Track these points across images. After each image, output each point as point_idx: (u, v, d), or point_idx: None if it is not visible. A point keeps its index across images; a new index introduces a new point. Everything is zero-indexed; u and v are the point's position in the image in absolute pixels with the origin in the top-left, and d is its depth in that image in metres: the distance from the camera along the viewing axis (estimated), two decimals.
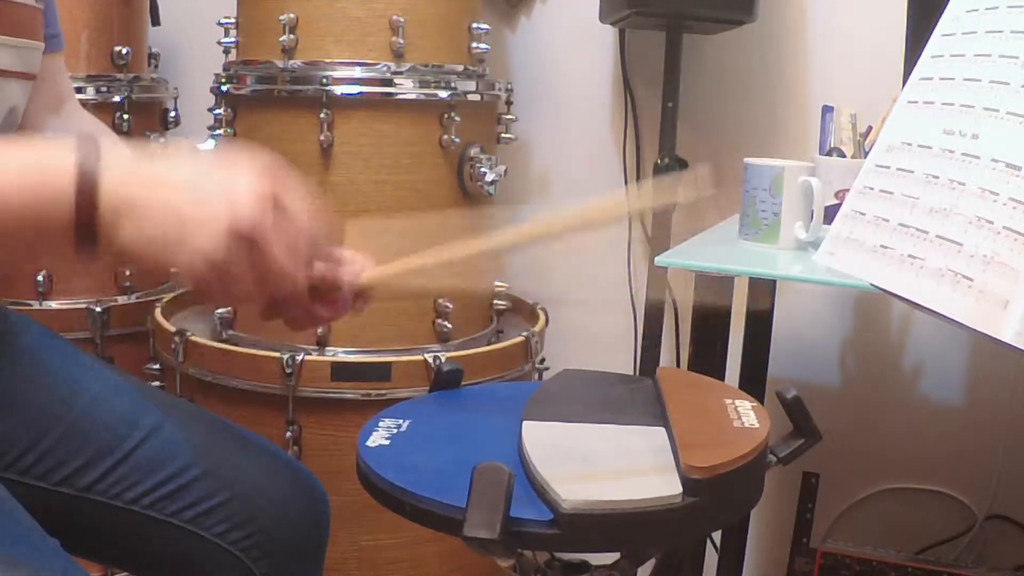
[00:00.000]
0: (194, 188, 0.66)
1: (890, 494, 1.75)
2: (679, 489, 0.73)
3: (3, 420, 0.92)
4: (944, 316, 0.57)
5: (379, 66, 1.43)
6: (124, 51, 1.67)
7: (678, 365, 1.79)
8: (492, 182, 1.49)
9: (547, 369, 1.61)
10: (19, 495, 0.85)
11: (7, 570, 0.72)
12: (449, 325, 1.49)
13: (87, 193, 0.64)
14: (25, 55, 0.89)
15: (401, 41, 1.42)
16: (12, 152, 0.66)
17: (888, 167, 0.67)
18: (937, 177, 0.62)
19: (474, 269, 0.81)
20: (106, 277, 1.69)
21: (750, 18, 1.53)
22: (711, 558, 1.50)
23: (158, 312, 1.56)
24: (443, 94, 1.45)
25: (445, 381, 1.00)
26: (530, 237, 0.78)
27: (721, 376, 1.20)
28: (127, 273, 1.69)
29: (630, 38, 1.78)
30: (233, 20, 1.54)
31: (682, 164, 1.65)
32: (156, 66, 1.85)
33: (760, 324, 1.58)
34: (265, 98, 1.47)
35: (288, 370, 1.38)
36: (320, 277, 0.77)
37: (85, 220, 0.64)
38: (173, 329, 1.48)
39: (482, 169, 1.48)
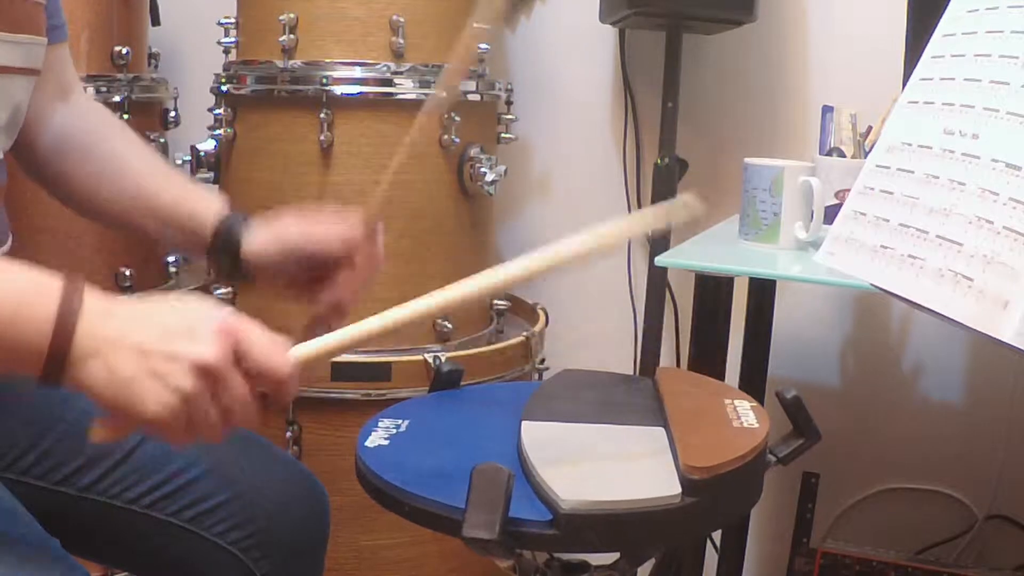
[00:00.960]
0: (162, 327, 0.67)
1: (890, 494, 1.75)
2: (678, 489, 0.73)
3: (3, 420, 0.92)
4: (944, 316, 0.57)
5: (379, 66, 1.43)
6: (124, 51, 1.67)
7: (678, 365, 1.79)
8: (492, 182, 1.49)
9: (547, 369, 1.61)
10: (19, 495, 0.85)
11: (8, 570, 0.72)
12: (449, 325, 1.49)
13: (63, 334, 0.65)
14: (28, 51, 0.89)
15: (401, 41, 1.42)
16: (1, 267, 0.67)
17: (888, 167, 0.67)
18: (937, 177, 0.62)
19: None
20: (106, 277, 1.69)
21: (750, 18, 1.53)
22: (711, 558, 1.50)
23: None
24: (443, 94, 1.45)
25: (445, 381, 1.00)
26: (523, 275, 0.78)
27: (721, 376, 1.20)
28: (127, 273, 1.69)
29: (630, 38, 1.78)
30: (233, 20, 1.54)
31: (682, 164, 1.65)
32: (156, 66, 1.85)
33: (760, 324, 1.58)
34: (265, 98, 1.47)
35: None
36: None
37: (57, 357, 0.65)
38: None
39: (482, 169, 1.48)
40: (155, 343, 0.66)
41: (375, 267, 0.98)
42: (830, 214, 1.19)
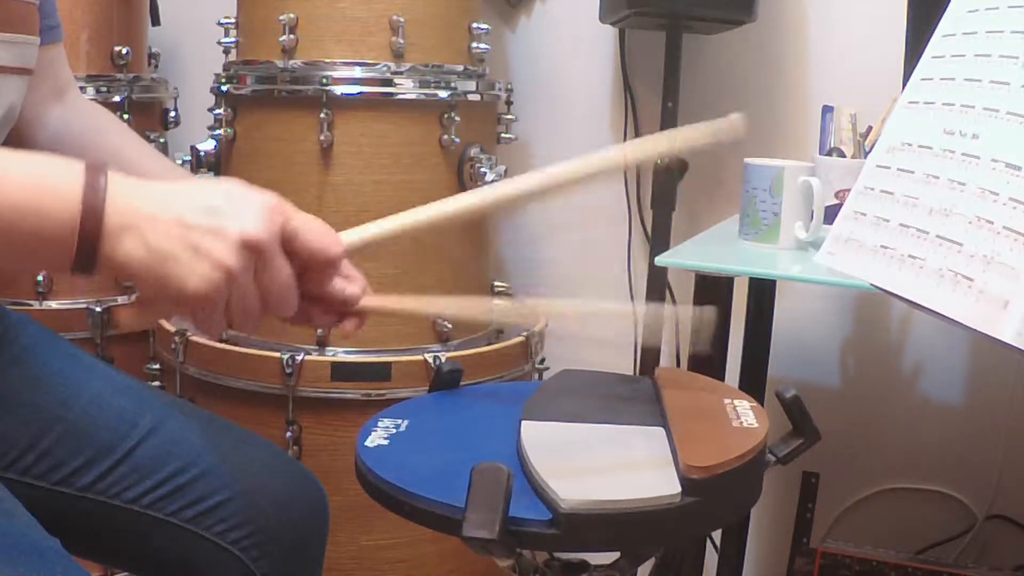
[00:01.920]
0: (204, 202, 0.65)
1: (890, 494, 1.75)
2: (678, 489, 0.73)
3: (3, 420, 0.92)
4: (944, 316, 0.57)
5: (379, 66, 1.43)
6: (124, 51, 1.67)
7: (678, 365, 1.79)
8: (492, 182, 1.49)
9: (547, 369, 1.61)
10: (19, 495, 0.85)
11: (7, 569, 0.72)
12: (449, 325, 1.49)
13: (93, 203, 0.63)
14: (21, 50, 0.89)
15: (401, 41, 1.42)
16: (19, 155, 0.66)
17: (888, 167, 0.67)
18: (937, 177, 0.62)
19: (473, 301, 0.81)
20: (106, 277, 1.69)
21: (750, 18, 1.53)
22: (711, 558, 1.50)
23: None
24: (443, 94, 1.45)
25: (445, 381, 1.00)
26: (538, 187, 0.78)
27: (721, 376, 1.20)
28: None
29: (630, 38, 1.78)
30: (233, 20, 1.54)
31: (682, 164, 1.65)
32: (156, 66, 1.85)
33: (760, 324, 1.58)
34: (265, 98, 1.47)
35: (288, 370, 1.38)
36: (322, 292, 0.77)
37: (88, 231, 0.63)
38: (173, 329, 1.48)
39: (482, 169, 1.48)
40: (198, 216, 0.64)
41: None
42: (830, 214, 1.19)
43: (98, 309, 1.65)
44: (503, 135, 1.60)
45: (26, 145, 0.98)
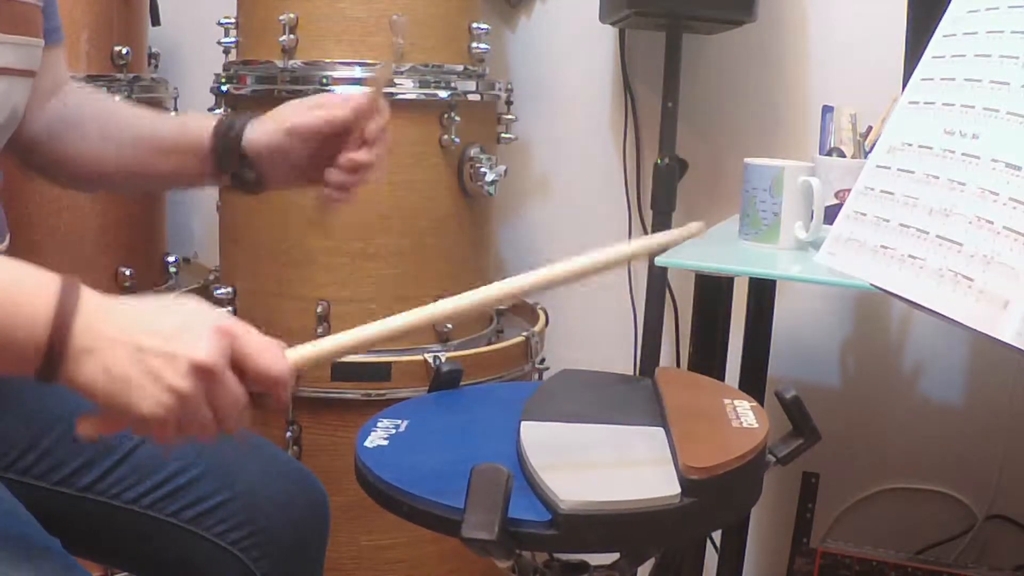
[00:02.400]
0: (159, 326, 0.67)
1: (890, 494, 1.75)
2: (678, 489, 0.73)
3: (3, 420, 0.92)
4: (944, 316, 0.57)
5: (379, 66, 1.43)
6: (124, 51, 1.67)
7: (678, 365, 1.79)
8: (492, 182, 1.49)
9: (547, 369, 1.61)
10: (19, 495, 0.85)
11: (8, 569, 0.72)
12: (449, 325, 1.49)
13: (62, 325, 0.65)
14: (25, 52, 0.89)
15: (401, 41, 1.42)
16: None
17: (889, 167, 0.67)
18: (937, 177, 0.62)
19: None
20: (106, 277, 1.69)
21: (750, 18, 1.53)
22: (711, 558, 1.50)
23: None
24: (443, 94, 1.45)
25: (445, 381, 1.00)
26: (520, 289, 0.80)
27: (721, 376, 1.20)
28: (127, 273, 1.69)
29: (630, 38, 1.78)
30: (233, 20, 1.54)
31: (682, 164, 1.65)
32: (156, 66, 1.85)
33: (760, 324, 1.58)
34: (265, 98, 1.47)
35: None
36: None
37: (53, 353, 0.65)
38: None
39: (482, 169, 1.48)
40: (152, 342, 0.66)
41: (384, 136, 0.97)
42: (830, 214, 1.19)
43: None
44: (503, 135, 1.60)
45: (20, 141, 0.98)
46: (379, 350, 1.44)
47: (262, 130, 0.97)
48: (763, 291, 1.57)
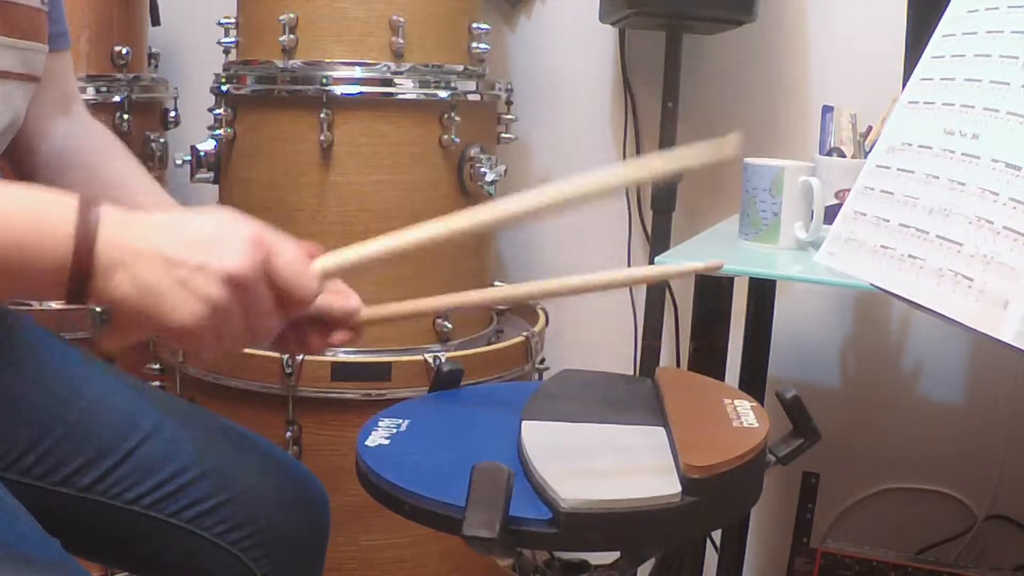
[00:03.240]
0: (189, 237, 0.67)
1: (890, 494, 1.75)
2: (678, 489, 0.73)
3: (3, 420, 0.92)
4: (944, 316, 0.57)
5: (379, 66, 1.43)
6: (124, 51, 1.67)
7: (678, 365, 1.79)
8: (492, 182, 1.49)
9: (547, 369, 1.61)
10: (19, 495, 0.85)
11: (8, 570, 0.72)
12: (449, 325, 1.49)
13: (85, 240, 0.65)
14: (28, 57, 0.89)
15: (401, 41, 1.42)
16: (13, 189, 0.67)
17: (889, 167, 0.68)
18: (937, 177, 0.62)
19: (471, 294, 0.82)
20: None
21: (750, 18, 1.53)
22: (711, 558, 1.50)
23: None
24: (443, 94, 1.45)
25: (445, 381, 1.00)
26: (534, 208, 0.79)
27: (721, 376, 1.20)
28: None
29: (630, 38, 1.78)
30: (233, 20, 1.54)
31: None
32: (156, 66, 1.85)
33: (760, 324, 1.58)
34: (265, 98, 1.47)
35: (288, 370, 1.38)
36: (313, 315, 0.79)
37: (80, 269, 0.65)
38: None
39: (482, 169, 1.48)
40: (182, 252, 0.65)
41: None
42: (830, 214, 1.19)
43: (98, 309, 1.65)
44: (503, 135, 1.60)
45: (29, 155, 0.98)
46: (379, 350, 1.44)
47: None
48: (763, 291, 1.57)
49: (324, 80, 1.41)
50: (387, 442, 0.84)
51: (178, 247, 0.66)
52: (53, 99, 0.99)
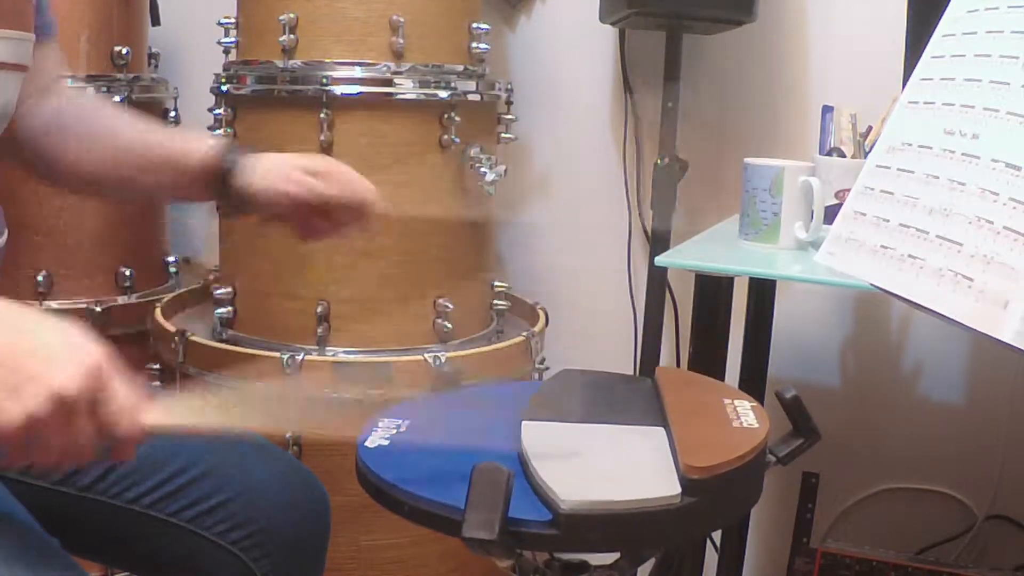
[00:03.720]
0: (32, 345, 0.65)
1: (890, 494, 1.75)
2: (678, 489, 0.73)
3: None
4: (944, 316, 0.57)
5: (379, 66, 1.43)
6: (124, 51, 1.67)
7: (678, 365, 1.79)
8: (492, 182, 1.49)
9: (547, 369, 1.61)
10: (19, 494, 0.85)
11: (6, 569, 0.72)
12: (449, 325, 1.49)
13: None
14: (16, 46, 0.89)
15: (401, 41, 1.42)
16: None
17: (888, 167, 0.67)
18: (937, 177, 0.62)
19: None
20: (106, 277, 1.69)
21: (750, 18, 1.53)
22: (711, 558, 1.50)
23: (158, 312, 1.56)
24: (443, 94, 1.45)
25: (445, 381, 1.00)
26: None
27: (721, 376, 1.20)
28: (127, 273, 1.69)
29: (630, 38, 1.78)
30: (233, 20, 1.54)
31: (682, 164, 1.65)
32: (156, 66, 1.85)
33: (760, 324, 1.58)
34: (265, 98, 1.47)
35: (288, 370, 1.38)
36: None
37: None
38: (173, 329, 1.48)
39: (482, 169, 1.48)
40: (19, 355, 0.64)
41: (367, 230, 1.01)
42: (830, 214, 1.19)
43: (98, 309, 1.65)
44: (503, 135, 1.60)
45: (13, 136, 0.98)
46: (379, 350, 1.44)
47: (259, 179, 0.98)
48: (763, 291, 1.57)
49: (324, 80, 1.40)
50: (387, 443, 0.84)
51: (16, 353, 0.64)
52: (39, 85, 0.99)
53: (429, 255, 1.48)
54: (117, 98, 1.67)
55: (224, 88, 1.50)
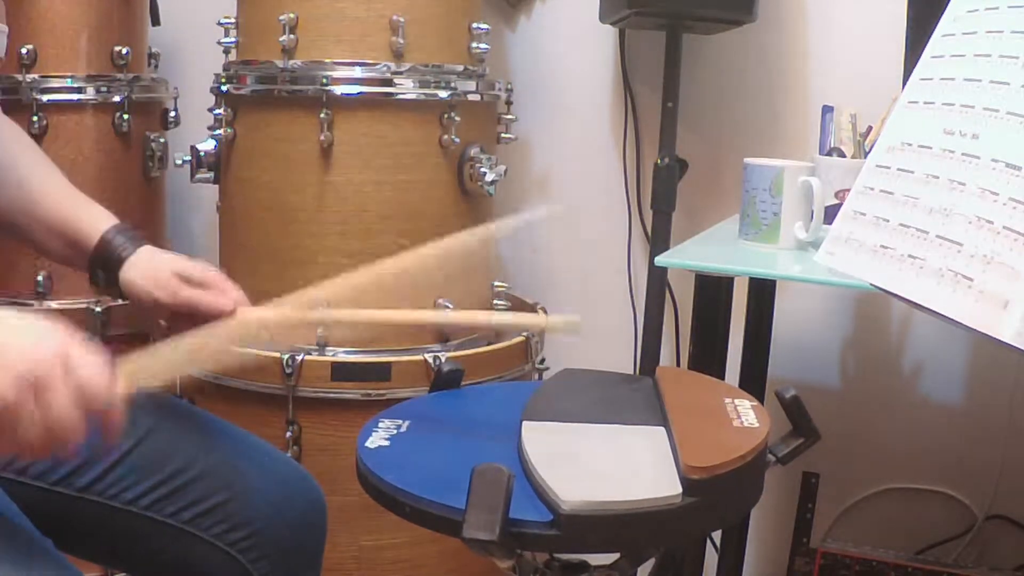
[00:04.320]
0: None
1: (890, 494, 1.75)
2: (679, 489, 0.73)
3: None
4: (944, 316, 0.57)
5: (379, 66, 1.43)
6: (124, 51, 1.67)
7: (678, 365, 1.78)
8: (492, 182, 1.49)
9: (547, 369, 1.61)
10: (16, 495, 0.85)
11: (1, 569, 0.72)
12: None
13: None
14: None
15: (401, 41, 1.42)
16: None
17: (888, 167, 0.67)
18: (937, 177, 0.62)
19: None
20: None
21: (750, 18, 1.53)
22: (711, 558, 1.50)
23: None
24: (443, 94, 1.45)
25: (445, 381, 1.00)
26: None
27: (721, 376, 1.20)
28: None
29: (630, 38, 1.78)
30: (233, 20, 1.54)
31: (682, 164, 1.65)
32: (156, 66, 1.85)
33: (760, 324, 1.58)
34: (265, 98, 1.47)
35: (288, 370, 1.38)
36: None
37: None
38: None
39: (482, 169, 1.48)
40: None
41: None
42: (830, 214, 1.19)
43: (98, 309, 1.65)
44: (503, 135, 1.60)
45: None
46: (379, 350, 1.44)
47: (138, 277, 0.97)
48: (763, 291, 1.57)
49: (324, 80, 1.40)
50: (387, 443, 0.84)
51: None
52: None
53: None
54: (117, 98, 1.67)
55: (224, 88, 1.50)
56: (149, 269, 0.98)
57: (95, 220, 0.99)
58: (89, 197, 1.02)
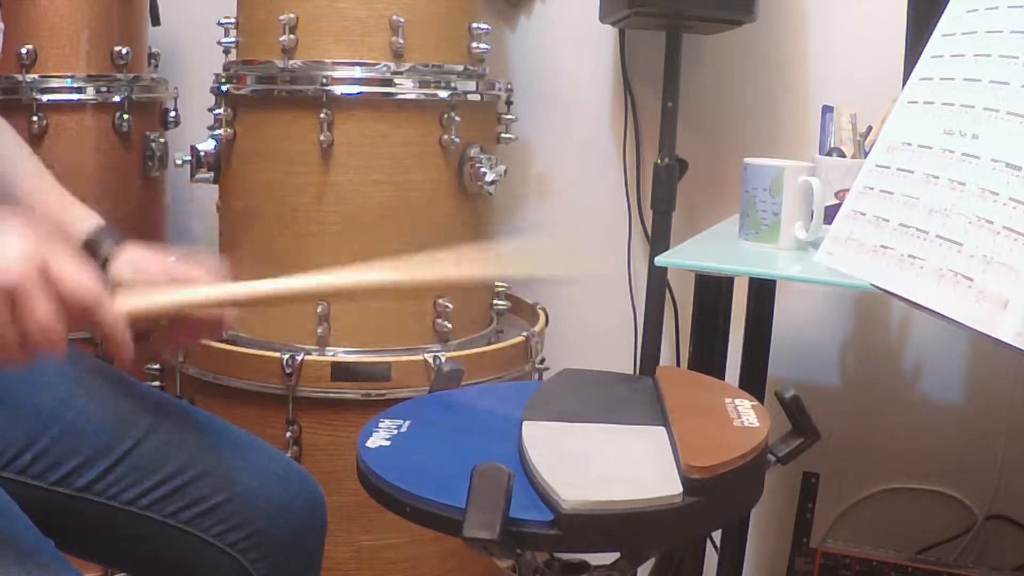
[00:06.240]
0: None
1: (890, 494, 1.75)
2: (679, 489, 0.73)
3: (0, 418, 0.92)
4: (944, 316, 0.57)
5: (379, 66, 1.43)
6: (124, 51, 1.67)
7: (678, 364, 1.79)
8: (492, 182, 1.49)
9: (547, 369, 1.61)
10: (16, 495, 0.85)
11: (0, 569, 0.72)
12: (449, 325, 1.49)
13: None
14: None
15: (401, 41, 1.42)
16: None
17: (888, 167, 0.67)
18: (937, 177, 0.62)
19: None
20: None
21: (750, 18, 1.53)
22: (711, 558, 1.50)
23: None
24: (443, 94, 1.45)
25: (445, 381, 1.00)
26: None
27: (721, 376, 1.20)
28: None
29: (630, 38, 1.78)
30: (233, 20, 1.54)
31: (682, 164, 1.65)
32: (156, 66, 1.85)
33: (760, 324, 1.58)
34: (265, 98, 1.47)
35: (288, 370, 1.38)
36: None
37: None
38: None
39: (482, 169, 1.48)
40: None
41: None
42: (830, 214, 1.19)
43: None
44: (503, 135, 1.60)
45: None
46: (379, 350, 1.44)
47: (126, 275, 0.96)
48: (763, 291, 1.57)
49: (324, 80, 1.41)
50: (388, 443, 0.84)
51: None
52: None
53: (426, 248, 1.47)
54: (117, 98, 1.67)
55: (224, 88, 1.50)
56: (138, 269, 0.97)
57: (78, 223, 0.99)
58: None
